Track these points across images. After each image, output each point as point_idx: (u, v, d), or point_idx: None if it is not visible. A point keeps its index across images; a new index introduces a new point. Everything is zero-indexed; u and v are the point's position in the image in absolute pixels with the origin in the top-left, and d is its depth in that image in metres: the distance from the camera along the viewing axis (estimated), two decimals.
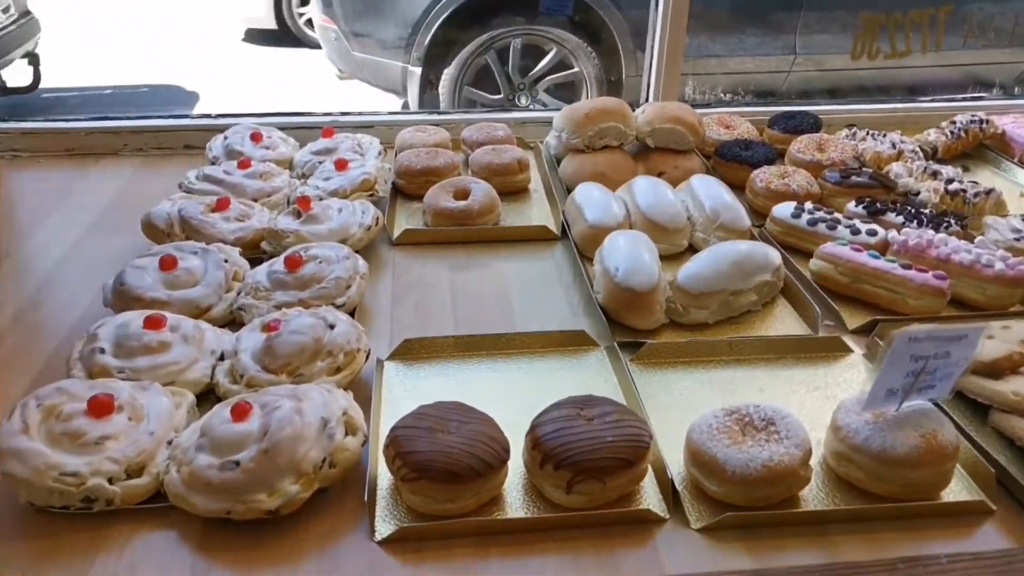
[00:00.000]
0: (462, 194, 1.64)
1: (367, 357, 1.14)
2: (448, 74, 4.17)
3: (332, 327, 1.10)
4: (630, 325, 1.29)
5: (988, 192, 1.68)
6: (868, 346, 1.27)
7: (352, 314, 1.26)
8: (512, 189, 1.78)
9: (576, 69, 4.18)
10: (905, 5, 1.95)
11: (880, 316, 1.32)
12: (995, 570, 0.88)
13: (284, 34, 6.35)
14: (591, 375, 1.20)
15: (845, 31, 3.52)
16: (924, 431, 0.95)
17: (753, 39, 3.89)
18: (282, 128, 1.92)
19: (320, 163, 1.71)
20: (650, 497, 0.97)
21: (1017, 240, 1.54)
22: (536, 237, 1.60)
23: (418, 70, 4.19)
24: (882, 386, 0.95)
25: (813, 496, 0.98)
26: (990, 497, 0.97)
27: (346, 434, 0.94)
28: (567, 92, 4.23)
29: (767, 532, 0.92)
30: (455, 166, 1.77)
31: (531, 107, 4.18)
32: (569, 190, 1.71)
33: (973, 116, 2.04)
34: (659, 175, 1.77)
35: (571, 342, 1.26)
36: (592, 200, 1.58)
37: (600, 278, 1.34)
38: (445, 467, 0.88)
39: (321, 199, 1.55)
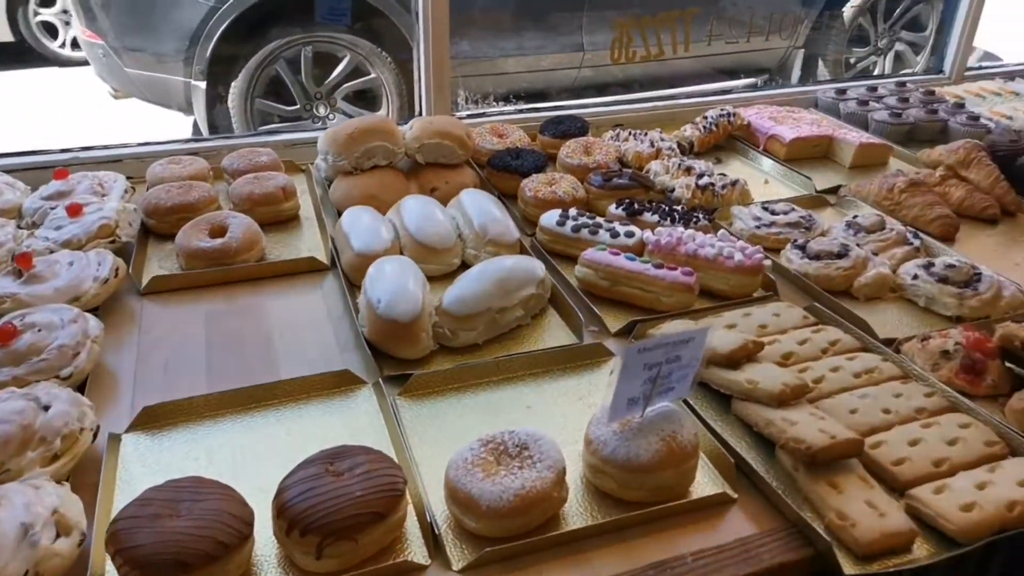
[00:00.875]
0: (219, 231, 1.53)
1: (94, 436, 1.02)
2: (237, 87, 3.93)
3: (47, 408, 0.98)
4: (398, 356, 1.26)
5: (734, 183, 1.81)
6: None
7: (82, 386, 1.13)
8: (279, 219, 1.69)
9: (373, 75, 4.09)
10: (654, 8, 2.08)
11: (638, 317, 1.37)
12: (736, 559, 0.94)
13: (24, 51, 5.60)
14: (357, 417, 1.15)
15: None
16: (665, 434, 0.99)
17: (536, 39, 3.99)
18: (8, 171, 1.71)
19: (52, 209, 1.54)
20: (412, 544, 0.94)
21: (758, 228, 1.67)
22: (304, 269, 1.53)
23: (203, 84, 3.91)
24: (622, 397, 0.98)
25: (574, 512, 0.99)
26: (732, 485, 1.03)
27: (58, 535, 0.84)
28: (369, 99, 4.13)
29: (528, 560, 0.92)
30: (212, 199, 1.66)
31: (330, 117, 4.05)
32: (340, 214, 1.65)
33: (722, 110, 2.20)
34: (431, 191, 1.75)
35: (336, 383, 1.21)
36: (360, 226, 1.53)
37: (364, 311, 1.29)
38: (173, 558, 0.80)
39: (52, 251, 1.39)
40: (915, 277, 1.46)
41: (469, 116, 2.20)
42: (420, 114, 2.10)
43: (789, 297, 1.47)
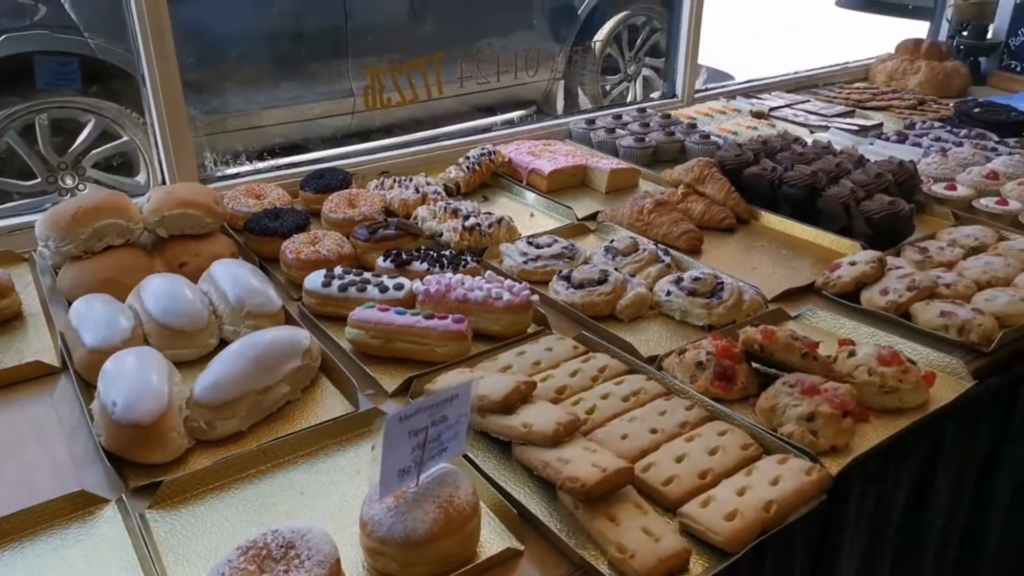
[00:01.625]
0: None
1: None
2: None
3: None
4: (146, 463, 1.12)
5: (500, 221, 1.84)
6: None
7: None
8: None
9: (125, 139, 3.75)
10: (404, 55, 2.11)
11: (414, 372, 1.33)
12: None
13: None
14: (99, 544, 1.00)
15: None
16: (442, 500, 0.95)
17: (296, 88, 3.88)
18: None
19: None
20: None
21: (525, 263, 1.70)
22: (30, 376, 1.33)
23: None
24: (391, 470, 0.92)
25: None
26: (518, 537, 1.01)
27: None
28: (126, 164, 3.76)
29: None
30: None
31: (80, 188, 3.65)
32: (71, 306, 1.45)
33: (483, 149, 2.24)
34: (180, 267, 1.60)
35: (71, 508, 1.04)
36: (92, 317, 1.35)
37: (99, 417, 1.14)
38: None
39: None
40: (668, 293, 1.55)
41: (222, 179, 2.06)
42: (163, 182, 1.93)
43: (561, 328, 1.51)
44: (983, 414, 1.43)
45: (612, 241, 1.76)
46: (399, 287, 1.51)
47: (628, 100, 5.60)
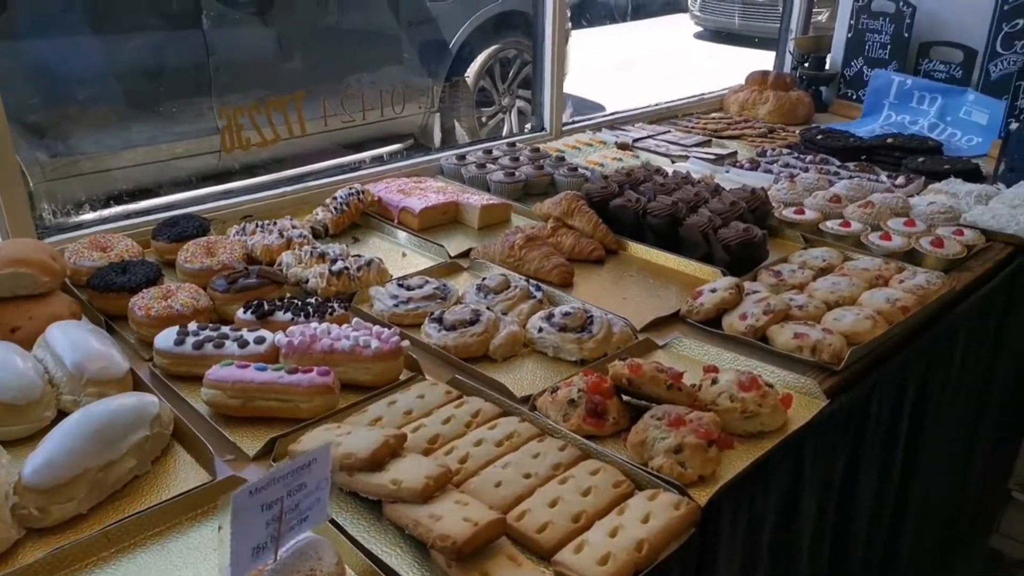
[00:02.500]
0: None
1: None
2: None
3: None
4: None
5: (369, 263, 1.79)
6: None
7: None
8: None
9: None
10: (271, 91, 2.05)
11: (277, 433, 1.26)
12: None
13: None
14: None
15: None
16: (303, 573, 0.89)
17: (153, 129, 3.69)
18: None
19: None
20: None
21: (396, 306, 1.66)
22: None
23: None
24: (243, 549, 0.86)
25: None
26: None
27: None
28: None
29: None
30: None
31: None
32: None
33: (351, 189, 2.19)
34: (12, 332, 1.46)
35: None
36: None
37: None
38: None
39: None
40: (540, 330, 1.55)
41: (62, 231, 1.91)
42: None
43: (434, 372, 1.47)
44: (840, 429, 1.50)
45: (484, 279, 1.75)
46: (260, 341, 1.43)
47: (504, 131, 5.69)
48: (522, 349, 1.57)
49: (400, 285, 1.71)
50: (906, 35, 3.17)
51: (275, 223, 1.98)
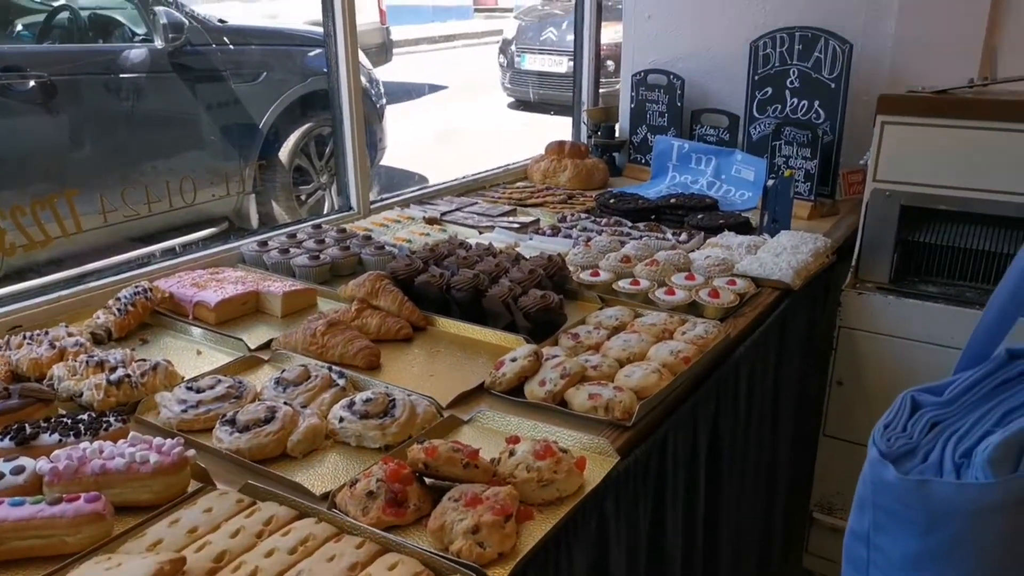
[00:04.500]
0: None
1: None
2: None
3: None
4: None
5: (155, 367, 1.68)
6: None
7: None
8: None
9: None
10: (56, 185, 1.89)
11: (41, 574, 1.12)
12: None
13: None
14: None
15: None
16: None
17: None
18: None
19: None
20: None
21: (184, 411, 1.55)
22: None
23: None
24: None
25: None
26: None
27: None
28: None
29: None
30: None
31: None
32: None
33: (137, 287, 2.05)
34: None
35: None
36: None
37: None
38: None
39: None
40: (341, 420, 1.51)
41: None
42: None
43: (228, 479, 1.38)
44: (639, 482, 1.57)
45: (283, 371, 1.69)
46: (19, 471, 1.29)
47: (325, 208, 5.62)
48: (324, 442, 1.51)
49: (189, 388, 1.61)
50: (679, 104, 3.50)
51: (47, 332, 1.81)
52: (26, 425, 1.42)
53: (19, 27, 4.89)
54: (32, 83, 4.04)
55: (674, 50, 3.58)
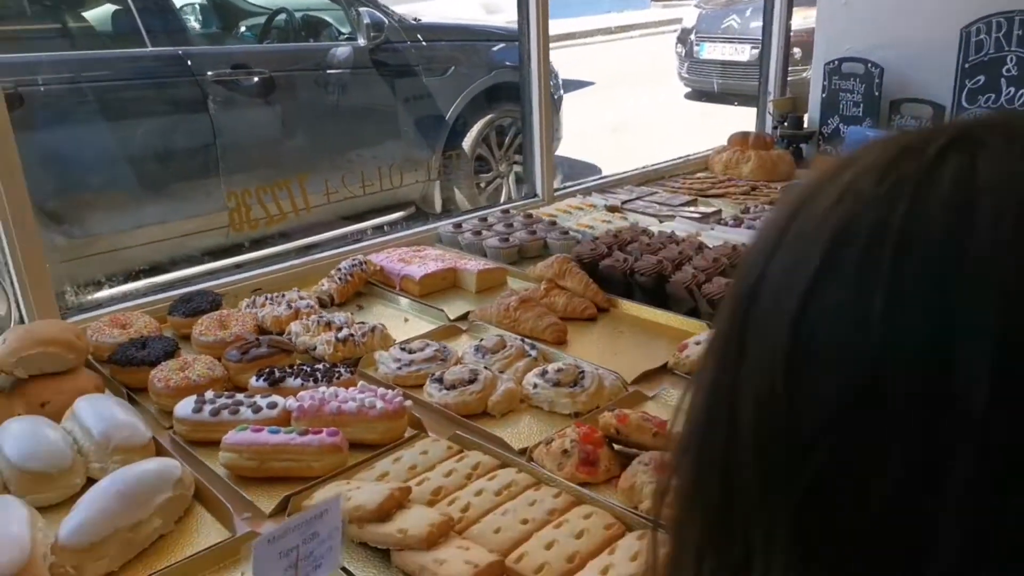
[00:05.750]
0: None
1: None
2: None
3: None
4: None
5: (373, 329, 1.90)
6: None
7: None
8: None
9: None
10: (271, 176, 2.20)
11: (291, 491, 1.35)
12: None
13: None
14: None
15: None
16: None
17: (167, 209, 3.85)
18: None
19: None
20: None
21: (399, 369, 1.76)
22: None
23: None
24: None
25: None
26: None
27: None
28: None
29: None
30: None
31: None
32: None
33: (354, 260, 2.32)
34: (42, 407, 1.56)
35: None
36: None
37: None
38: None
39: None
40: (535, 386, 1.65)
41: (84, 310, 2.03)
42: (21, 321, 1.88)
43: (436, 429, 1.56)
44: None
45: (481, 340, 1.86)
46: (273, 406, 1.53)
47: (502, 196, 5.88)
48: (519, 404, 1.66)
49: (403, 349, 1.82)
50: (876, 93, 3.35)
51: (283, 295, 2.10)
52: (275, 370, 1.68)
53: (243, 29, 5.50)
54: (255, 79, 4.54)
55: (873, 37, 3.41)
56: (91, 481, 1.38)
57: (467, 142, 5.54)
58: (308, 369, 1.68)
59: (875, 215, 0.41)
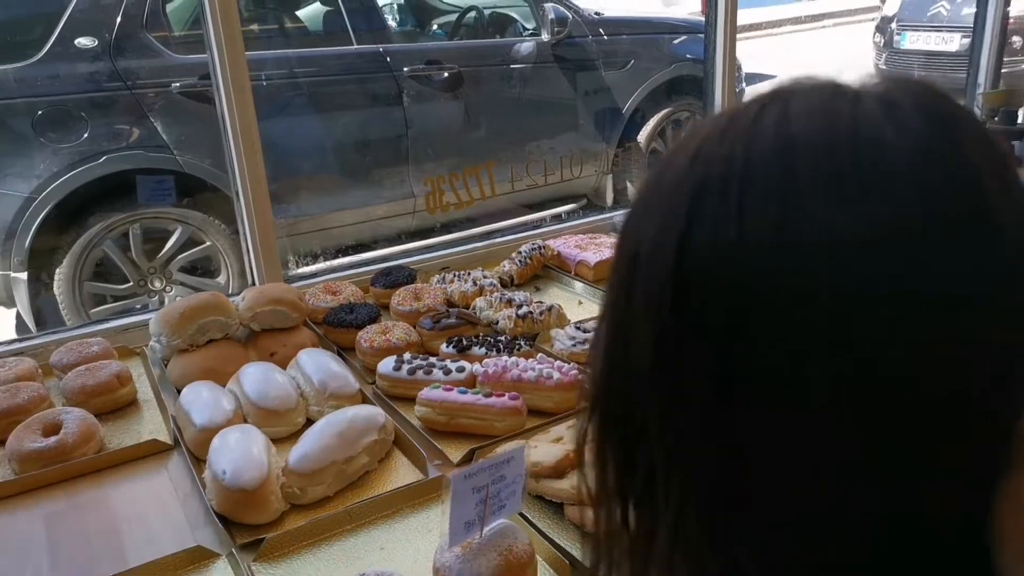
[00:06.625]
0: (52, 428, 1.52)
1: None
2: (62, 273, 3.80)
3: None
4: (250, 523, 1.30)
5: (550, 309, 2.03)
6: None
7: None
8: (115, 406, 1.70)
9: (208, 244, 4.09)
10: (458, 165, 2.40)
11: (476, 445, 1.50)
12: None
13: None
14: None
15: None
16: (502, 548, 1.11)
17: (363, 195, 4.23)
18: None
19: None
20: None
21: (574, 346, 1.87)
22: (147, 453, 1.54)
23: (23, 275, 3.75)
24: (458, 522, 1.08)
25: None
26: None
27: None
28: (207, 268, 4.11)
29: None
30: (43, 398, 1.64)
31: (167, 290, 4.00)
32: (179, 394, 1.68)
33: (533, 244, 2.46)
34: (270, 356, 1.83)
35: (189, 561, 1.23)
36: (200, 401, 1.57)
37: (211, 484, 1.34)
38: None
39: None
40: None
41: (301, 279, 2.32)
42: (252, 284, 2.19)
43: None
44: None
45: None
46: (461, 369, 1.70)
47: None
48: None
49: (577, 328, 1.93)
50: None
51: (469, 273, 2.28)
52: (463, 338, 1.85)
53: (434, 27, 5.85)
54: (445, 74, 4.83)
55: None
56: (309, 421, 1.61)
57: (643, 135, 5.56)
58: (492, 340, 1.83)
59: (720, 169, 0.50)
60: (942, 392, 0.47)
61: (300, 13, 5.02)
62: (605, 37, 5.59)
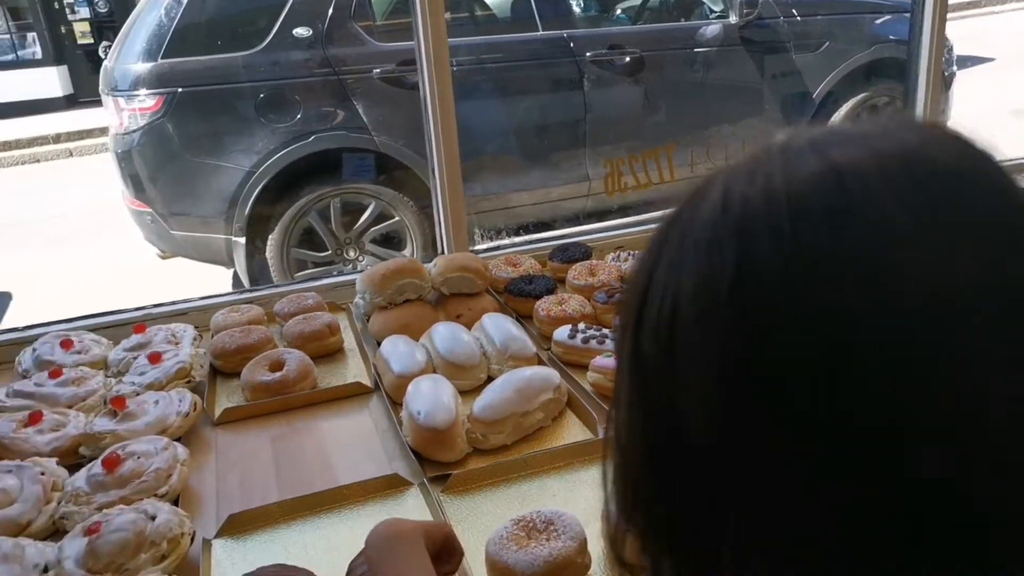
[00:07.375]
0: (277, 366, 1.77)
1: (192, 540, 1.22)
2: (273, 239, 4.28)
3: (153, 518, 1.19)
4: (439, 460, 1.46)
5: None
6: None
7: (176, 501, 1.34)
8: (326, 352, 1.93)
9: (397, 219, 4.43)
10: (635, 148, 2.44)
11: None
12: None
13: None
14: (408, 512, 1.34)
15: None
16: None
17: (542, 176, 4.39)
18: (93, 329, 1.98)
19: (135, 359, 1.79)
20: None
21: None
22: (352, 393, 1.75)
23: (242, 240, 4.26)
24: None
25: None
26: None
27: None
28: (394, 240, 4.46)
29: None
30: (269, 340, 1.91)
31: (359, 259, 4.39)
32: (379, 345, 1.89)
33: None
34: (456, 318, 2.00)
35: (387, 486, 1.40)
36: (397, 352, 1.76)
37: (407, 423, 1.51)
38: None
39: (137, 394, 1.63)
40: None
41: (485, 250, 2.48)
42: (442, 252, 2.38)
43: None
44: None
45: None
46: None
47: None
48: None
49: None
50: None
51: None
52: None
53: (618, 11, 5.86)
54: (627, 58, 4.84)
55: None
56: (490, 378, 1.75)
57: (834, 121, 5.27)
58: None
59: (764, 208, 0.47)
60: None
61: (490, 1, 5.23)
62: (798, 18, 5.34)
